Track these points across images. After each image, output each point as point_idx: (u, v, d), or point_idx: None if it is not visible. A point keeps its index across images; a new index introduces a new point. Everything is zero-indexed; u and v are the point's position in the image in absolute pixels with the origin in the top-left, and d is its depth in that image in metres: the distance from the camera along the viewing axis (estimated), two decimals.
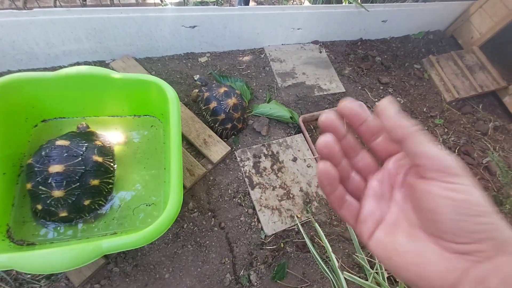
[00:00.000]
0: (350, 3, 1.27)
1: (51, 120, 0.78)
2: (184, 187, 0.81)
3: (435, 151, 0.20)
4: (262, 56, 1.23)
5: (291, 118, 1.06)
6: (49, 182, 0.61)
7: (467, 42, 1.55)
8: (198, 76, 1.00)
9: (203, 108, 0.94)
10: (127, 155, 0.80)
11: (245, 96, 1.06)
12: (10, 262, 0.49)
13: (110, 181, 0.72)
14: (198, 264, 0.77)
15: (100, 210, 0.70)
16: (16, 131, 0.70)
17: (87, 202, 0.65)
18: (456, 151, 1.19)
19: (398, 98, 1.30)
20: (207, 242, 0.80)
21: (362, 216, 0.25)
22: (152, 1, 1.07)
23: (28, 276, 0.67)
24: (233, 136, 0.99)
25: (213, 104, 0.91)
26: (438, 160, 0.20)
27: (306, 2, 1.46)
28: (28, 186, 0.62)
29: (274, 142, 1.02)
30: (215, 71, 1.12)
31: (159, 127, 0.85)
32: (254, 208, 0.89)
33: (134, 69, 0.98)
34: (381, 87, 1.31)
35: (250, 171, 0.94)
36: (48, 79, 0.67)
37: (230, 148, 0.92)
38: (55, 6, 0.95)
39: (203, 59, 1.14)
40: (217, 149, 0.90)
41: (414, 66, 1.44)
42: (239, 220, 0.86)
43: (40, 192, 0.61)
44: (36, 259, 0.49)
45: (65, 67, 0.95)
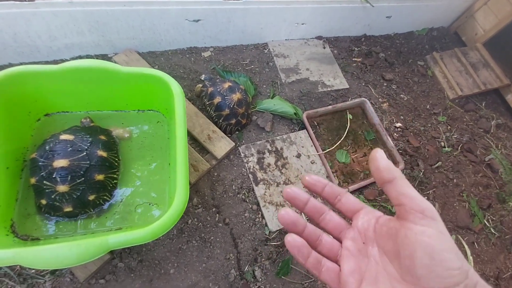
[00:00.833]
0: None
1: (54, 114, 0.77)
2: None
3: (417, 194, 0.23)
4: (266, 51, 1.22)
5: (295, 114, 1.05)
6: (53, 177, 0.60)
7: (471, 39, 1.54)
8: (204, 75, 0.98)
9: (207, 103, 0.93)
10: (131, 150, 0.79)
11: (249, 92, 1.05)
12: (16, 257, 0.48)
13: (115, 176, 0.71)
14: (203, 259, 0.76)
15: (104, 206, 0.70)
16: (19, 125, 0.69)
17: (92, 197, 0.65)
18: (459, 148, 1.19)
19: (401, 95, 1.29)
20: (212, 237, 0.80)
21: (344, 278, 0.26)
22: None
23: (32, 271, 0.67)
24: (237, 132, 0.99)
25: (217, 99, 0.90)
26: (419, 201, 0.23)
27: None
28: (32, 180, 0.62)
29: (278, 138, 1.02)
30: (219, 66, 1.11)
31: (163, 122, 0.84)
32: (258, 204, 0.88)
33: (137, 63, 0.96)
34: (384, 84, 1.30)
35: (254, 167, 0.94)
36: (52, 73, 0.66)
37: (234, 143, 0.92)
38: None
39: (206, 54, 1.13)
40: (221, 144, 0.90)
41: (418, 63, 1.43)
42: (243, 216, 0.85)
43: (44, 187, 0.61)
44: (42, 255, 0.49)
45: (67, 60, 0.94)
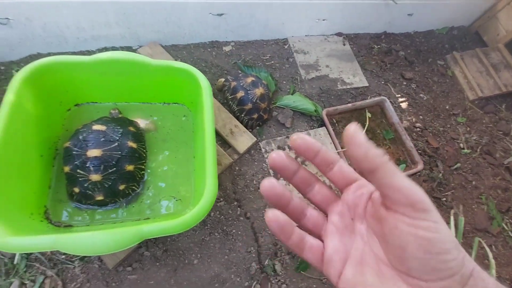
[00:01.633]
0: None
1: (83, 104, 0.78)
2: None
3: (406, 183, 0.19)
4: (286, 47, 1.21)
5: (315, 111, 1.05)
6: (87, 166, 0.62)
7: (493, 40, 1.51)
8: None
9: (230, 97, 0.94)
10: (156, 142, 0.80)
11: (270, 87, 1.05)
12: (56, 243, 0.50)
13: (143, 167, 0.73)
14: (225, 251, 0.78)
15: (132, 195, 0.71)
16: (51, 114, 0.70)
17: (122, 187, 0.66)
18: (478, 150, 1.18)
19: (421, 94, 1.28)
20: (233, 231, 0.81)
21: (327, 256, 0.23)
22: None
23: (63, 256, 0.69)
24: (257, 127, 0.99)
25: (240, 94, 0.91)
26: (408, 193, 0.19)
27: None
28: (66, 169, 0.63)
29: None
30: (239, 61, 1.11)
31: (188, 115, 0.85)
32: None
33: (161, 56, 0.97)
34: (404, 83, 1.29)
35: None
36: (85, 63, 0.67)
37: (256, 139, 0.92)
38: None
39: (227, 48, 1.13)
40: (243, 139, 0.90)
41: (438, 62, 1.41)
42: (264, 211, 0.86)
43: (78, 175, 0.62)
44: (80, 241, 0.50)
45: (93, 51, 0.95)
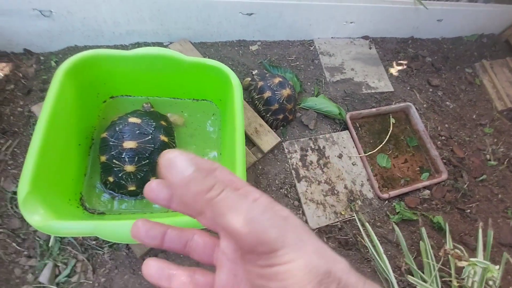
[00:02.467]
0: None
1: (118, 97, 0.81)
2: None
3: (245, 223, 0.15)
4: (311, 48, 1.21)
5: (339, 114, 1.05)
6: (122, 156, 0.64)
7: None
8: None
9: (256, 97, 0.95)
10: (184, 137, 0.82)
11: (295, 88, 1.05)
12: (96, 229, 0.52)
13: None
14: None
15: None
16: (89, 105, 0.73)
17: (153, 179, 0.68)
18: (505, 162, 1.15)
19: (447, 102, 1.25)
20: None
21: None
22: None
23: (93, 242, 0.72)
24: (281, 128, 1.00)
25: (267, 94, 0.92)
26: (250, 237, 0.15)
27: None
28: (103, 158, 0.66)
29: (320, 137, 1.02)
30: (265, 60, 1.11)
31: (216, 112, 0.87)
32: (299, 200, 0.90)
33: (191, 52, 0.99)
34: (430, 89, 1.27)
35: (297, 163, 0.95)
36: (124, 57, 0.69)
37: (280, 139, 0.93)
38: None
39: (254, 48, 1.14)
40: (267, 138, 0.91)
41: (466, 70, 1.38)
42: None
43: (113, 165, 0.65)
44: (119, 229, 0.53)
45: (126, 46, 0.98)
